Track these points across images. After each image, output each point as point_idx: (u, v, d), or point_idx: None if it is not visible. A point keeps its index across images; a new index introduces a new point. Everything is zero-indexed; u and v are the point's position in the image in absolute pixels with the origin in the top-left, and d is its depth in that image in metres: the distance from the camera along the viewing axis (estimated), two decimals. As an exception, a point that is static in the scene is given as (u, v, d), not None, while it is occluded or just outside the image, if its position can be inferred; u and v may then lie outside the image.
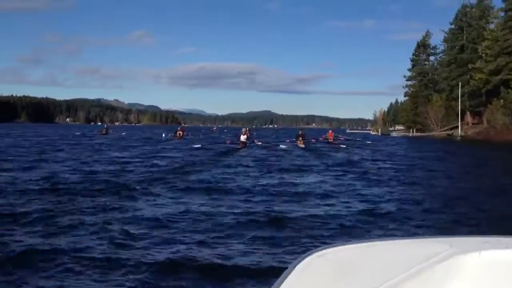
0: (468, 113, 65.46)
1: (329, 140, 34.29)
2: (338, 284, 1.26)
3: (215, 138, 45.53)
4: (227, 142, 29.14)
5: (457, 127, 63.51)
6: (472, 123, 64.66)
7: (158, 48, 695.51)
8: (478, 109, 62.40)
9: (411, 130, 72.85)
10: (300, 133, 30.90)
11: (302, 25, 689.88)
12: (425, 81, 76.51)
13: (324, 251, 1.42)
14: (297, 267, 1.30)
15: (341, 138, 37.49)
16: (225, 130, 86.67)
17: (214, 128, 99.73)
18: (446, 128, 66.01)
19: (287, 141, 32.03)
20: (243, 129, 29.63)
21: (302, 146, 28.65)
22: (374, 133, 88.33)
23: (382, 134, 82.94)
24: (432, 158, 24.13)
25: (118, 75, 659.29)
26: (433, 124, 67.63)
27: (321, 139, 35.52)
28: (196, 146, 26.19)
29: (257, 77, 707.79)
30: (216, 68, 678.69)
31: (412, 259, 1.33)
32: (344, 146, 30.84)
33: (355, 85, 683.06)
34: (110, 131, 55.02)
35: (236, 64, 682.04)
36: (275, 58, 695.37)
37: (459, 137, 58.06)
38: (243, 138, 27.51)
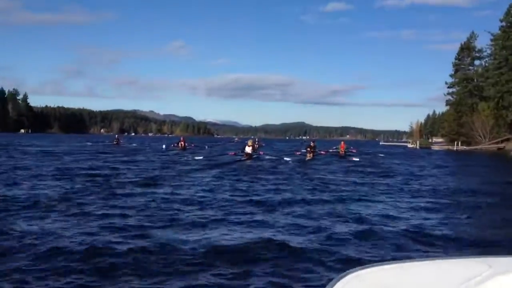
0: (521, 123, 56.63)
1: (340, 153, 30.67)
2: None
3: (225, 149, 42.28)
4: (230, 153, 27.66)
5: (509, 139, 55.25)
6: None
7: (195, 59, 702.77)
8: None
9: (455, 143, 64.15)
10: (311, 144, 28.37)
11: (338, 36, 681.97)
12: (469, 87, 68.47)
13: (360, 271, 1.41)
14: (334, 287, 1.29)
15: (353, 150, 33.91)
16: (246, 142, 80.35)
17: (236, 139, 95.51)
18: (495, 141, 57.77)
19: (297, 153, 29.80)
20: (249, 140, 27.43)
21: (310, 158, 26.54)
22: (412, 145, 79.44)
23: (421, 147, 74.25)
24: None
25: (155, 86, 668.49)
26: (480, 136, 59.56)
27: (331, 150, 32.87)
28: (198, 158, 25.17)
29: (291, 89, 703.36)
30: (251, 79, 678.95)
31: (451, 281, 1.32)
32: (357, 159, 27.61)
33: (391, 97, 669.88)
34: (122, 141, 52.79)
35: (270, 75, 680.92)
36: (310, 69, 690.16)
37: (512, 152, 49.78)
38: (248, 149, 25.18)
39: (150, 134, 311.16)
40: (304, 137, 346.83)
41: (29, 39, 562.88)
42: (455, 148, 61.93)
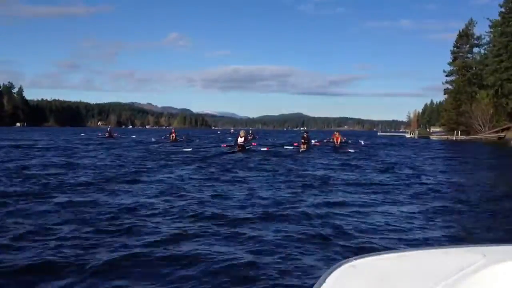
0: (522, 111, 55.41)
1: (336, 144, 29.27)
2: None
3: (218, 141, 41.04)
4: (222, 145, 26.97)
5: (509, 128, 54.19)
6: (527, 124, 54.91)
7: (192, 51, 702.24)
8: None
9: (454, 132, 62.92)
10: (305, 135, 27.27)
11: (336, 26, 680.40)
12: (468, 75, 67.13)
13: (356, 261, 1.42)
14: (329, 277, 1.29)
15: (348, 141, 32.48)
16: (257, 136, 77.43)
17: (232, 130, 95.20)
18: (495, 130, 56.66)
19: (295, 144, 28.38)
20: (241, 132, 26.42)
21: (304, 149, 25.48)
22: (410, 135, 78.22)
23: (419, 136, 73.02)
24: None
25: (152, 79, 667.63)
26: (480, 125, 58.46)
27: (325, 141, 31.79)
28: (187, 149, 25.01)
29: (289, 80, 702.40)
30: (249, 71, 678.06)
31: (446, 270, 1.34)
32: (353, 151, 26.02)
33: (389, 87, 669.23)
34: (116, 134, 49.33)
35: (268, 66, 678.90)
36: (308, 60, 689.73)
37: (512, 141, 48.68)
38: (240, 141, 24.50)
39: (147, 127, 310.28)
40: (302, 128, 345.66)
41: (27, 32, 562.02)
42: (454, 138, 60.78)
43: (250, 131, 52.33)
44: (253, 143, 28.00)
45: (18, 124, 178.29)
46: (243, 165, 16.61)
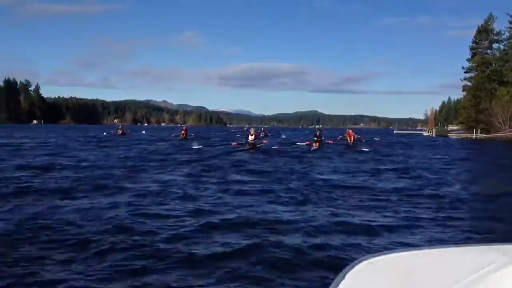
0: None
1: (348, 142, 28.67)
2: None
3: (228, 139, 39.93)
4: (232, 144, 26.51)
5: (531, 126, 52.44)
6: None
7: (208, 49, 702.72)
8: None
9: (474, 130, 60.95)
10: (317, 133, 26.81)
11: (352, 23, 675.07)
12: (488, 72, 65.18)
13: (374, 258, 1.40)
14: (347, 274, 1.29)
15: (362, 140, 31.71)
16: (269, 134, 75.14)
17: (245, 128, 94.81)
18: (516, 127, 54.86)
19: (306, 142, 27.62)
20: (251, 129, 25.82)
21: (316, 147, 24.85)
22: (427, 134, 76.45)
23: (437, 135, 71.23)
24: None
25: (167, 76, 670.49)
26: (500, 123, 56.61)
27: (339, 138, 31.11)
28: (196, 147, 25.47)
29: (304, 77, 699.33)
30: (264, 68, 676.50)
31: (466, 268, 1.32)
32: (367, 149, 25.06)
33: (405, 84, 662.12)
34: (128, 131, 49.14)
35: (284, 64, 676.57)
36: (323, 57, 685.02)
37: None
38: (250, 139, 24.13)
39: (162, 124, 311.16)
40: (317, 126, 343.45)
41: (44, 31, 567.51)
42: (473, 136, 58.94)
43: (262, 129, 52.03)
44: (264, 141, 27.53)
45: (35, 121, 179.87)
46: (245, 167, 15.61)
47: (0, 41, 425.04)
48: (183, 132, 37.12)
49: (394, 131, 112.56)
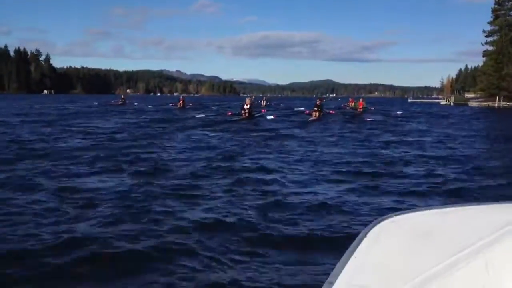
0: None
1: (358, 111, 27.43)
2: (415, 250, 1.22)
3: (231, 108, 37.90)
4: (228, 113, 25.83)
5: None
6: None
7: (222, 17, 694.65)
8: None
9: (496, 98, 56.72)
10: (318, 103, 24.64)
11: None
12: (511, 35, 60.85)
13: (396, 217, 1.39)
14: (369, 233, 1.28)
15: (371, 108, 30.39)
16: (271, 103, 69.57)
17: (253, 97, 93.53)
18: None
19: (306, 112, 26.09)
20: (247, 99, 24.81)
21: (315, 118, 22.83)
22: (444, 102, 72.51)
23: (455, 104, 67.15)
24: None
25: (181, 46, 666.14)
26: (525, 90, 53.03)
27: (345, 106, 30.18)
28: (199, 116, 26.11)
29: (319, 46, 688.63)
30: (279, 37, 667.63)
31: (491, 225, 1.29)
32: (372, 119, 23.40)
33: (421, 52, 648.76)
34: (127, 101, 51.39)
35: (298, 32, 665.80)
36: (338, 25, 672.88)
37: None
38: (245, 108, 23.04)
39: (175, 94, 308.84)
40: (331, 95, 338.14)
41: (57, 2, 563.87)
42: (496, 105, 55.10)
43: (264, 98, 53.88)
44: (262, 110, 27.27)
45: (45, 91, 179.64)
46: (228, 140, 13.38)
47: (17, 11, 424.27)
48: (181, 101, 38.71)
49: (409, 100, 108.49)
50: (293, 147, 11.77)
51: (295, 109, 26.00)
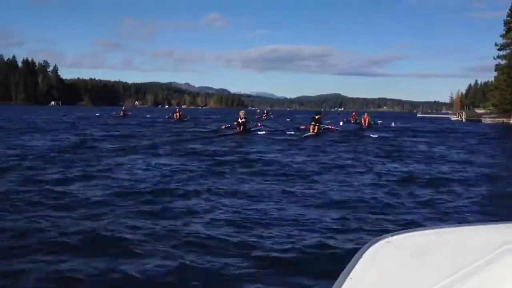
0: None
1: (363, 126, 26.45)
2: (411, 271, 1.23)
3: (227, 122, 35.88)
4: (222, 127, 24.95)
5: None
6: None
7: (231, 31, 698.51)
8: None
9: (511, 115, 53.54)
10: (316, 117, 22.53)
11: (377, 4, 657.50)
12: (525, 48, 58.68)
13: (392, 237, 1.38)
14: (365, 253, 1.28)
15: (378, 122, 29.32)
16: (272, 115, 67.38)
17: (258, 110, 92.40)
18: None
19: (301, 127, 24.61)
20: (241, 112, 23.64)
21: (312, 134, 21.24)
22: (456, 118, 69.19)
23: (467, 120, 63.63)
24: None
25: (190, 59, 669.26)
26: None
27: (348, 121, 28.53)
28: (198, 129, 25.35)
29: (328, 60, 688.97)
30: (288, 51, 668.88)
31: (486, 246, 1.30)
32: (376, 136, 21.30)
33: (430, 67, 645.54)
34: (130, 113, 50.72)
35: (307, 46, 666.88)
36: (347, 39, 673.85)
37: None
38: (240, 122, 22.48)
39: (183, 107, 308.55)
40: (339, 109, 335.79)
41: (69, 13, 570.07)
42: (511, 121, 52.39)
43: (265, 111, 54.21)
44: (259, 124, 26.70)
45: (52, 102, 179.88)
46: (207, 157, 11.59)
47: (28, 22, 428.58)
48: (176, 114, 37.02)
49: (418, 115, 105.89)
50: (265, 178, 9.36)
51: (287, 132, 22.83)
